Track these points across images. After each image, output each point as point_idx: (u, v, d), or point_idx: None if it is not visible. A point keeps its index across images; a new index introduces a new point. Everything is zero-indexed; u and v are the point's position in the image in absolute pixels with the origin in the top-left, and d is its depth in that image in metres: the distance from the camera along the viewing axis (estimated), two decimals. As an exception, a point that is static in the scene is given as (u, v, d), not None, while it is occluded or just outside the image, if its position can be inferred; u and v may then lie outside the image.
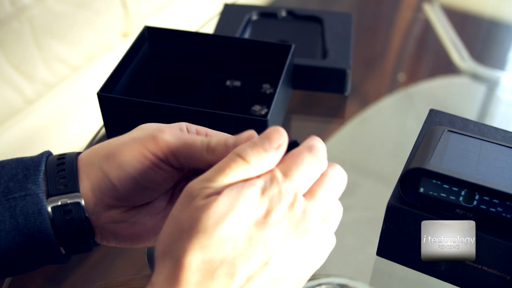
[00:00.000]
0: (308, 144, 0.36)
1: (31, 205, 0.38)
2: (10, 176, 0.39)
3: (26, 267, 0.40)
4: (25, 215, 0.38)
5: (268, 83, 0.71)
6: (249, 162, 0.34)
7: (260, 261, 0.33)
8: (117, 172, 0.38)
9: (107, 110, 0.64)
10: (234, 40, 0.73)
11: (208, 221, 0.32)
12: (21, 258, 0.39)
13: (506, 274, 0.48)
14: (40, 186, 0.38)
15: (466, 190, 0.47)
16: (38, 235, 0.38)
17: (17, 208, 0.38)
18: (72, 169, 0.39)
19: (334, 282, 0.58)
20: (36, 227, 0.38)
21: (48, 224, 0.38)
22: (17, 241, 0.38)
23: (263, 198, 0.33)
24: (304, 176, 0.35)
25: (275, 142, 0.35)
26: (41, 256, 0.39)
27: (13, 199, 0.38)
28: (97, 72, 1.28)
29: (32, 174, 0.39)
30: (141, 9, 1.37)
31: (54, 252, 0.39)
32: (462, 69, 0.94)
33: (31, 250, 0.38)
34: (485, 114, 0.87)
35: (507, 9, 1.21)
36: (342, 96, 0.80)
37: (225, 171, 0.34)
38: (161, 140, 0.39)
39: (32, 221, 0.38)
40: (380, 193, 0.66)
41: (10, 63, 1.12)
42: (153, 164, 0.39)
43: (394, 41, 1.09)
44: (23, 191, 0.38)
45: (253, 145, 0.35)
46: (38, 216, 0.38)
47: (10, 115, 1.14)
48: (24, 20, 1.13)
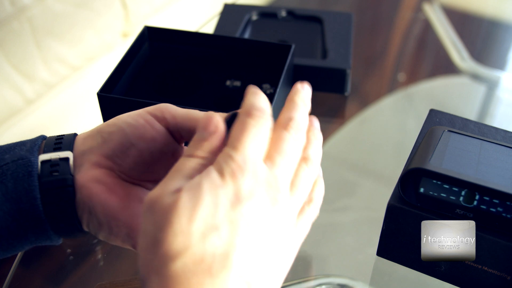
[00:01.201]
0: (245, 109, 0.35)
1: (22, 168, 0.38)
2: (7, 149, 0.40)
3: (13, 243, 0.39)
4: (14, 179, 0.38)
5: (268, 83, 0.71)
6: (197, 155, 0.34)
7: (249, 241, 0.31)
8: (109, 128, 0.40)
9: (107, 110, 0.64)
10: (234, 40, 0.73)
11: (180, 219, 0.30)
12: (7, 227, 0.38)
13: (506, 274, 0.48)
14: (33, 154, 0.39)
15: (466, 190, 0.47)
16: (25, 199, 0.38)
17: (8, 172, 0.38)
18: (69, 137, 0.41)
19: (334, 282, 0.58)
20: (24, 189, 0.38)
21: (36, 185, 0.38)
22: (4, 209, 0.38)
23: (224, 179, 0.32)
24: (254, 142, 0.33)
25: (209, 127, 0.34)
26: (28, 225, 0.38)
27: (5, 165, 0.38)
28: (97, 72, 1.28)
29: (28, 146, 0.40)
30: (141, 9, 1.37)
31: (40, 218, 0.38)
32: (462, 69, 0.94)
33: (17, 219, 0.38)
34: (485, 114, 0.87)
35: (507, 9, 1.21)
36: (342, 96, 0.80)
37: (179, 171, 0.33)
38: (163, 104, 0.41)
39: (20, 183, 0.38)
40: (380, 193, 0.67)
41: (10, 63, 1.12)
42: (145, 121, 0.40)
43: (394, 41, 1.09)
44: (15, 157, 0.39)
45: (194, 141, 0.35)
46: (28, 178, 0.38)
47: (10, 115, 1.14)
48: (24, 20, 1.13)
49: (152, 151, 0.40)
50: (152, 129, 0.40)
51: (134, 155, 0.40)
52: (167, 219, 0.30)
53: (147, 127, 0.40)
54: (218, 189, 0.31)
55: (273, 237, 0.33)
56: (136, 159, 0.40)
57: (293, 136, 0.36)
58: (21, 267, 0.58)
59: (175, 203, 0.31)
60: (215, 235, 0.30)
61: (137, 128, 0.40)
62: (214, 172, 0.32)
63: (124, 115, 0.41)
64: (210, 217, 0.31)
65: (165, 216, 0.30)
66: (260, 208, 0.32)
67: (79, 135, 0.41)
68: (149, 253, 0.31)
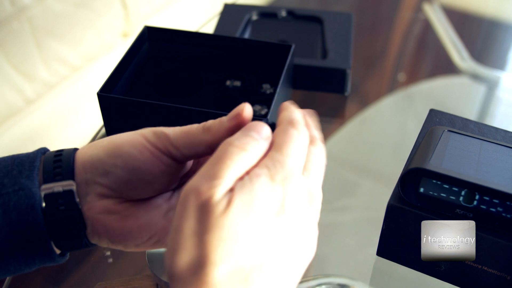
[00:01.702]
0: (287, 119, 0.36)
1: (24, 200, 0.37)
2: (5, 172, 0.38)
3: (20, 267, 0.39)
4: (18, 210, 0.37)
5: (268, 83, 0.71)
6: (246, 149, 0.33)
7: (283, 252, 0.31)
8: (113, 160, 0.38)
9: (107, 110, 0.64)
10: (234, 40, 0.73)
11: (233, 226, 0.29)
12: (15, 256, 0.38)
13: (506, 274, 0.48)
14: (34, 182, 0.38)
15: (466, 190, 0.47)
16: (30, 230, 0.37)
17: (10, 203, 0.37)
18: (69, 161, 0.39)
19: (334, 282, 0.58)
20: (29, 223, 0.37)
21: (41, 219, 0.37)
22: (9, 239, 0.37)
23: (274, 184, 0.31)
24: (298, 152, 0.34)
25: (263, 133, 0.34)
26: (35, 254, 0.38)
27: (6, 194, 0.37)
28: (97, 72, 1.28)
29: (27, 169, 0.38)
30: (141, 9, 1.37)
31: (47, 248, 0.38)
32: (462, 69, 0.94)
33: (24, 248, 0.38)
34: (485, 114, 0.87)
35: (507, 9, 1.21)
36: (342, 96, 0.80)
37: (226, 162, 0.32)
38: (160, 132, 0.39)
39: (24, 216, 0.37)
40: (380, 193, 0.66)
41: (10, 63, 1.12)
42: (152, 154, 0.38)
43: (394, 41, 1.09)
44: (16, 186, 0.37)
45: (244, 135, 0.34)
46: (31, 210, 0.37)
47: (10, 115, 1.14)
48: (24, 20, 1.13)
49: (160, 181, 0.39)
50: (159, 161, 0.38)
51: (141, 186, 0.39)
52: (218, 222, 0.29)
53: (153, 161, 0.38)
54: (268, 196, 0.31)
55: (304, 245, 0.33)
56: (144, 188, 0.39)
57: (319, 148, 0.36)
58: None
59: (229, 206, 0.30)
60: (259, 245, 0.30)
61: (143, 163, 0.38)
62: (266, 177, 0.32)
63: (125, 144, 0.38)
64: (258, 225, 0.30)
65: (216, 219, 0.30)
66: (300, 219, 0.32)
67: (78, 158, 0.39)
68: (188, 252, 0.30)
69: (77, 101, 1.26)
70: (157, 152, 0.38)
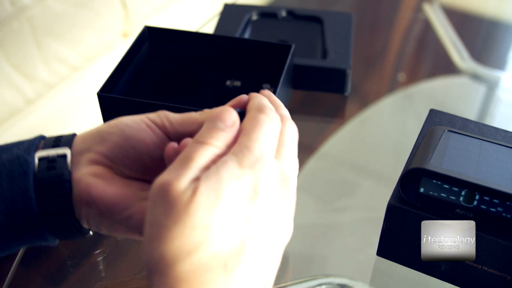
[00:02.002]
0: (256, 106, 0.36)
1: (17, 167, 0.38)
2: (5, 149, 0.40)
3: (7, 242, 0.39)
4: (10, 178, 0.37)
5: (268, 83, 0.71)
6: (212, 143, 0.33)
7: (261, 236, 0.31)
8: (111, 129, 0.40)
9: (107, 110, 0.64)
10: (234, 40, 0.73)
11: (201, 212, 0.30)
12: (3, 227, 0.38)
13: (506, 274, 0.48)
14: (30, 153, 0.38)
15: (466, 190, 0.47)
16: (20, 199, 0.37)
17: (3, 172, 0.38)
18: (68, 137, 0.40)
19: (334, 282, 0.58)
20: (19, 190, 0.37)
21: (31, 185, 0.37)
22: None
23: (243, 170, 0.32)
24: (268, 137, 0.34)
25: (227, 120, 0.35)
26: (23, 228, 0.38)
27: (1, 165, 0.38)
28: (97, 72, 1.28)
29: (26, 146, 0.39)
30: (141, 9, 1.37)
31: (34, 217, 0.38)
32: (462, 69, 0.94)
33: (12, 219, 0.38)
34: (485, 114, 0.87)
35: (507, 9, 1.21)
36: (342, 96, 0.80)
37: (192, 157, 0.32)
38: (161, 111, 0.41)
39: (15, 182, 0.37)
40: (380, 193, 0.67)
41: (10, 63, 1.12)
42: (147, 126, 0.40)
43: (394, 41, 1.09)
44: (12, 156, 0.38)
45: (209, 129, 0.34)
46: (23, 177, 0.37)
47: (10, 115, 1.14)
48: (24, 20, 1.13)
49: (151, 155, 0.40)
50: (153, 134, 0.40)
51: (133, 157, 0.40)
52: (185, 210, 0.30)
53: (148, 132, 0.40)
54: (237, 181, 0.31)
55: (281, 227, 0.33)
56: (135, 161, 0.40)
57: (290, 127, 0.37)
58: (21, 267, 0.58)
59: (195, 195, 0.30)
60: (233, 229, 0.30)
61: (138, 131, 0.40)
62: (233, 163, 0.32)
63: (125, 118, 0.41)
64: (230, 210, 0.30)
65: (183, 208, 0.30)
66: (274, 202, 0.33)
67: (78, 135, 0.41)
68: (161, 244, 0.30)
69: (77, 101, 1.26)
70: (152, 125, 0.40)
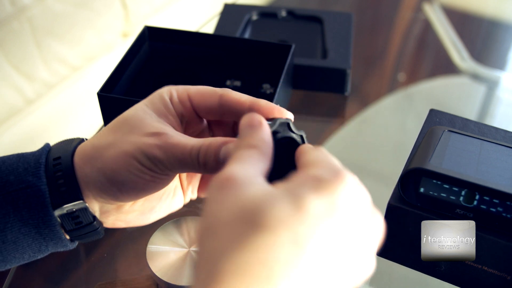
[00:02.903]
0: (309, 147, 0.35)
1: (33, 198, 0.38)
2: (11, 169, 0.39)
3: (35, 255, 0.41)
4: (28, 208, 0.38)
5: (268, 83, 0.71)
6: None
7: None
8: (114, 166, 0.38)
9: (107, 110, 0.64)
10: (234, 40, 0.73)
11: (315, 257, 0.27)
12: (29, 246, 0.39)
13: (506, 274, 0.48)
14: (41, 179, 0.38)
15: (466, 190, 0.47)
16: (43, 225, 0.39)
17: (19, 201, 0.38)
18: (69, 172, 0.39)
19: (334, 282, 0.58)
20: (41, 219, 0.38)
21: (52, 216, 0.38)
22: (23, 232, 0.38)
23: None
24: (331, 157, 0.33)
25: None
26: (48, 243, 0.40)
27: (14, 192, 0.38)
28: (97, 72, 1.28)
29: (33, 167, 0.39)
30: (141, 9, 1.37)
31: (61, 239, 0.40)
32: (462, 69, 0.94)
33: (37, 239, 0.39)
34: (485, 114, 0.87)
35: (507, 9, 1.21)
36: (342, 96, 0.80)
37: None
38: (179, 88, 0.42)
39: (36, 213, 0.38)
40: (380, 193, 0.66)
41: (10, 63, 1.12)
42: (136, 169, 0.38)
43: (394, 41, 1.09)
44: (23, 184, 0.38)
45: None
46: (42, 208, 0.38)
47: (10, 115, 1.14)
48: (24, 20, 1.13)
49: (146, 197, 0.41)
50: (143, 175, 0.38)
51: (132, 198, 0.41)
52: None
53: (150, 184, 0.39)
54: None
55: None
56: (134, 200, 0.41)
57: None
58: (21, 267, 0.58)
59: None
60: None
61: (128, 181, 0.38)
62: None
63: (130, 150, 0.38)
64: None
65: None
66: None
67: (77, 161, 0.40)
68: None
69: (77, 101, 1.26)
70: (144, 161, 0.38)
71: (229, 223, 0.27)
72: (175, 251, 0.49)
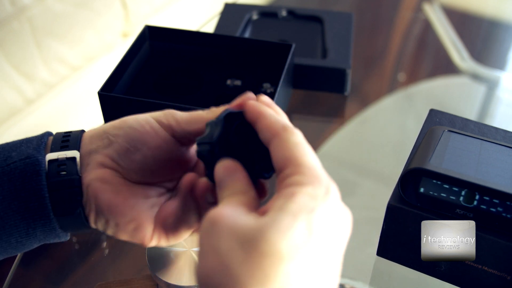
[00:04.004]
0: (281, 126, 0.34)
1: (30, 167, 0.39)
2: (13, 147, 0.40)
3: (22, 241, 0.40)
4: (23, 177, 0.38)
5: (269, 82, 0.71)
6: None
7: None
8: (116, 131, 0.40)
9: (108, 109, 0.64)
10: (234, 40, 0.73)
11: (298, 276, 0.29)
12: (17, 225, 0.39)
13: (506, 274, 0.48)
14: (40, 152, 0.39)
15: (466, 190, 0.47)
16: (34, 198, 0.39)
17: (16, 171, 0.39)
18: (76, 136, 0.41)
19: (334, 282, 0.58)
20: (32, 188, 0.38)
21: (44, 184, 0.39)
22: (13, 207, 0.38)
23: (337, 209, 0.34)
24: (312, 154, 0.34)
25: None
26: (36, 223, 0.39)
27: (13, 164, 0.39)
28: (97, 72, 1.28)
29: (35, 144, 0.40)
30: (141, 9, 1.37)
31: (48, 216, 0.39)
32: (462, 69, 0.94)
33: (26, 217, 0.39)
34: (485, 114, 0.87)
35: (507, 9, 1.21)
36: (342, 96, 0.80)
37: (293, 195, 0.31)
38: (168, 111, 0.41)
39: (29, 182, 0.38)
40: (380, 193, 0.67)
41: (10, 63, 1.12)
42: (151, 127, 0.40)
43: (394, 41, 1.09)
44: (23, 155, 0.39)
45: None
46: (36, 176, 0.38)
47: (10, 115, 1.14)
48: (24, 20, 1.13)
49: (156, 157, 0.40)
50: (157, 136, 0.40)
51: (139, 160, 0.40)
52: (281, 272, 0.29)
53: (152, 134, 0.40)
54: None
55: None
56: (141, 163, 0.40)
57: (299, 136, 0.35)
58: (21, 267, 0.58)
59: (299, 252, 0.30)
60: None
61: (142, 134, 0.40)
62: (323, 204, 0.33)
63: (130, 119, 0.41)
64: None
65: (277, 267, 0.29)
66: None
67: (86, 133, 0.42)
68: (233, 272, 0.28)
69: (77, 101, 1.26)
70: (156, 126, 0.40)
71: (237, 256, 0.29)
72: (175, 251, 0.49)
